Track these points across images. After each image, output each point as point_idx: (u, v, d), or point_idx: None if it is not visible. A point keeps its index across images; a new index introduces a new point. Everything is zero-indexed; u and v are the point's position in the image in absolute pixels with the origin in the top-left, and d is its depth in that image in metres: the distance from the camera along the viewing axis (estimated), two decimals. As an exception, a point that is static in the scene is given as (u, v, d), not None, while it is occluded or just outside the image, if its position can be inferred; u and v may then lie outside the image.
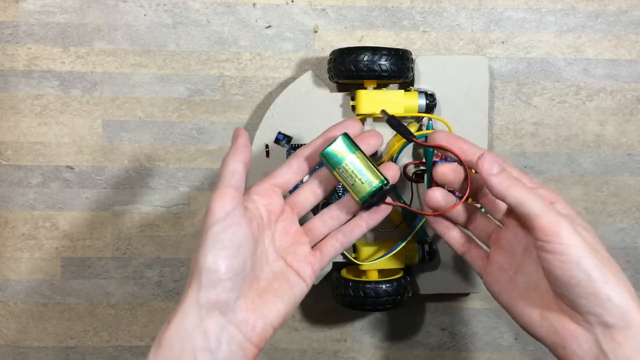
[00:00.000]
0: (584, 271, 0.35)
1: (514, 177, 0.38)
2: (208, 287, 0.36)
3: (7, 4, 0.53)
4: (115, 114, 0.54)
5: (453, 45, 0.54)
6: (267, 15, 0.53)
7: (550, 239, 0.35)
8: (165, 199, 0.55)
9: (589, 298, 0.35)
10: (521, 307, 0.39)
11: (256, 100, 0.54)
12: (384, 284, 0.48)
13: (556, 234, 0.35)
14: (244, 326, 0.38)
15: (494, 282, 0.41)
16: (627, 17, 0.53)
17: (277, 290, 0.40)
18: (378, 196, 0.41)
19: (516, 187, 0.37)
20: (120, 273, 0.55)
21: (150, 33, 0.54)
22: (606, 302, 0.35)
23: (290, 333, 0.56)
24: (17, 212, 0.55)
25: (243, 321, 0.38)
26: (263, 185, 0.42)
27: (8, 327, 0.56)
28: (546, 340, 0.38)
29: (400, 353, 0.56)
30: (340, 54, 0.48)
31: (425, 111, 0.50)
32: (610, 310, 0.35)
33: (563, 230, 0.35)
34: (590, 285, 0.35)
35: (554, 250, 0.35)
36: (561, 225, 0.36)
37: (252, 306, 0.38)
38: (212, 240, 0.37)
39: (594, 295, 0.35)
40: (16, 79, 0.54)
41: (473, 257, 0.43)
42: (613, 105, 0.54)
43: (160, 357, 0.36)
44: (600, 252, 0.36)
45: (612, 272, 0.35)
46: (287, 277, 0.41)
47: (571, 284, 0.35)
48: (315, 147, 0.42)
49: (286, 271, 0.41)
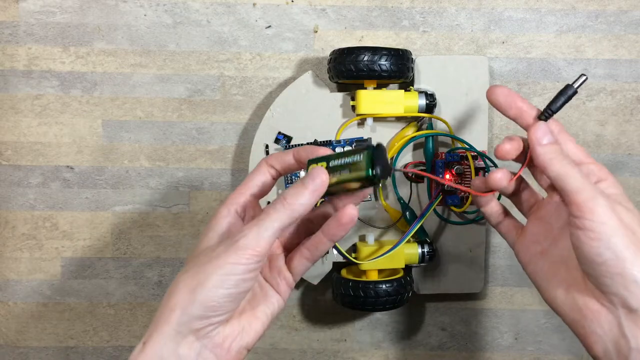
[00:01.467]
0: (612, 250, 0.34)
1: (560, 150, 0.38)
2: (197, 318, 0.34)
3: (7, 4, 0.53)
4: (115, 114, 0.54)
5: (453, 45, 0.54)
6: (267, 15, 0.53)
7: (584, 215, 0.35)
8: (165, 199, 0.55)
9: (615, 278, 0.34)
10: (547, 280, 0.39)
11: (256, 100, 0.54)
12: (384, 284, 0.48)
13: (590, 210, 0.35)
14: (219, 350, 0.36)
15: (525, 253, 0.41)
16: (627, 17, 0.53)
17: (255, 310, 0.38)
18: (380, 160, 0.36)
19: (560, 161, 0.37)
20: (120, 273, 0.55)
21: (150, 33, 0.54)
22: (632, 284, 0.34)
23: (291, 333, 0.56)
24: (17, 212, 0.55)
25: (219, 345, 0.36)
26: (247, 199, 0.39)
27: (8, 327, 0.56)
28: (567, 316, 0.38)
29: (400, 353, 0.56)
30: (340, 54, 0.48)
31: (425, 111, 0.50)
32: (635, 294, 0.34)
33: (598, 207, 0.35)
34: (617, 265, 0.34)
35: (585, 226, 0.35)
36: (596, 202, 0.35)
37: (230, 331, 0.37)
38: (222, 274, 0.34)
39: (620, 275, 0.34)
40: (16, 79, 0.54)
41: (507, 228, 0.42)
42: (613, 105, 0.54)
43: None
44: (639, 234, 0.35)
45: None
46: (265, 293, 0.39)
47: (597, 261, 0.35)
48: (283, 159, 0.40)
49: (264, 286, 0.39)
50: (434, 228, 0.52)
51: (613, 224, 0.34)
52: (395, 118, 0.51)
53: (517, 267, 0.55)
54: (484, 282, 0.53)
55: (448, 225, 0.52)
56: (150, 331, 0.35)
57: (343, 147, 0.48)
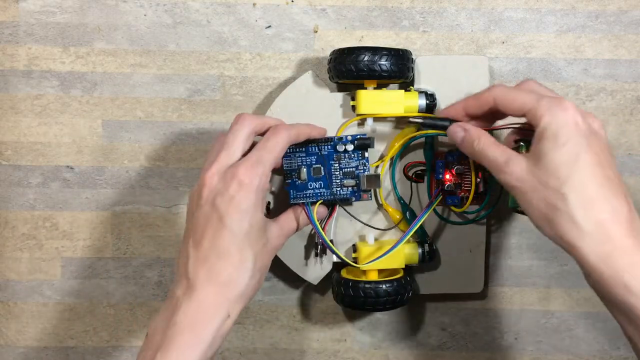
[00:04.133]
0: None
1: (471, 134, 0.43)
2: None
3: (7, 4, 0.53)
4: (115, 114, 0.54)
5: (453, 45, 0.54)
6: (267, 15, 0.53)
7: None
8: (165, 199, 0.55)
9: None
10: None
11: (256, 100, 0.54)
12: (384, 284, 0.48)
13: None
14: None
15: None
16: (627, 17, 0.53)
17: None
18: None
19: (479, 139, 0.42)
20: (120, 273, 0.55)
21: (150, 33, 0.54)
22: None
23: (291, 333, 0.56)
24: (17, 212, 0.55)
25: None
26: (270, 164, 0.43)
27: (8, 327, 0.56)
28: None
29: (400, 353, 0.56)
30: (341, 54, 0.48)
31: (426, 111, 0.50)
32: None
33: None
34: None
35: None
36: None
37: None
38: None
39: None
40: (16, 79, 0.54)
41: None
42: (613, 105, 0.54)
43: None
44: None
45: None
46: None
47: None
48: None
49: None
50: (434, 228, 0.52)
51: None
52: (395, 118, 0.51)
53: (517, 267, 0.55)
54: (484, 282, 0.53)
55: (448, 225, 0.52)
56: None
57: (345, 143, 0.48)
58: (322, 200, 0.48)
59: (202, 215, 0.41)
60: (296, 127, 0.46)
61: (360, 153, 0.48)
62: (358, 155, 0.48)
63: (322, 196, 0.47)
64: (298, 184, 0.47)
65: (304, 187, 0.48)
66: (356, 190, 0.48)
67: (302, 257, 0.52)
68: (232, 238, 0.40)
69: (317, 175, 0.48)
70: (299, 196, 0.47)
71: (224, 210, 0.40)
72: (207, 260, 0.40)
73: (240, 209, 0.40)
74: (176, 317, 0.39)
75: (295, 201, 0.47)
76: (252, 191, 0.41)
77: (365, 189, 0.48)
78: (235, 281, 0.40)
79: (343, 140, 0.48)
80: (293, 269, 0.52)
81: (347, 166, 0.48)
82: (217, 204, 0.41)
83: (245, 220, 0.41)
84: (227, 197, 0.40)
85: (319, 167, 0.48)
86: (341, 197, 0.48)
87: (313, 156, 0.48)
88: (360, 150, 0.48)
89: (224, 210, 0.40)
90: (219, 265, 0.40)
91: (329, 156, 0.48)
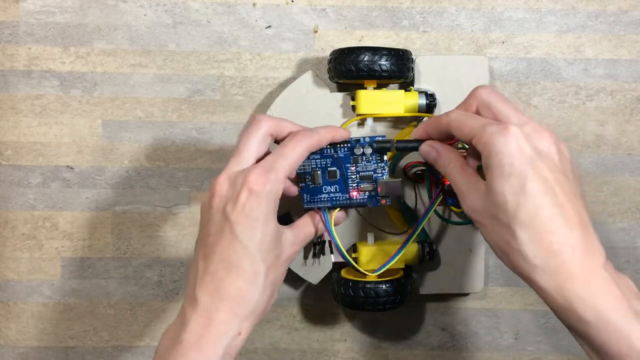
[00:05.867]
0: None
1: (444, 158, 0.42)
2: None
3: (7, 4, 0.53)
4: (115, 114, 0.54)
5: (453, 45, 0.54)
6: (267, 15, 0.54)
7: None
8: (165, 199, 0.55)
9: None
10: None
11: (256, 100, 0.54)
12: (384, 284, 0.48)
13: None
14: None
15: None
16: (627, 17, 0.54)
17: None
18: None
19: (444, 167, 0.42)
20: (120, 273, 0.55)
21: (150, 33, 0.54)
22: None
23: (291, 333, 0.56)
24: (17, 212, 0.55)
25: None
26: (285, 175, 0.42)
27: (8, 327, 0.56)
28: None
29: (400, 353, 0.56)
30: (340, 54, 0.48)
31: (426, 111, 0.50)
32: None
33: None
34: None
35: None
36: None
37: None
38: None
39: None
40: (16, 79, 0.54)
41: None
42: (613, 105, 0.54)
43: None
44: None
45: None
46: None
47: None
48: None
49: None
50: (434, 228, 0.52)
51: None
52: (395, 118, 0.51)
53: (517, 267, 0.55)
54: (484, 282, 0.53)
55: (448, 225, 0.52)
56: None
57: (363, 146, 0.45)
58: (338, 205, 0.45)
59: (213, 226, 0.39)
60: (317, 133, 0.42)
61: (379, 157, 0.45)
62: (376, 158, 0.45)
63: (338, 201, 0.45)
64: (312, 187, 0.45)
65: (319, 191, 0.45)
66: (374, 195, 0.45)
67: (302, 257, 0.52)
68: (243, 250, 0.38)
69: (332, 179, 0.45)
70: (313, 200, 0.45)
71: (234, 219, 0.38)
72: (215, 274, 0.38)
73: (251, 217, 0.38)
74: (183, 334, 0.37)
75: (309, 206, 0.45)
76: (263, 199, 0.38)
77: (384, 195, 0.45)
78: (245, 296, 0.38)
79: (361, 142, 0.45)
80: (293, 269, 0.52)
81: (365, 170, 0.45)
82: (227, 212, 0.39)
83: (257, 230, 0.38)
84: (237, 205, 0.38)
85: (335, 170, 0.45)
86: (357, 202, 0.45)
87: (328, 158, 0.45)
88: (378, 154, 0.45)
89: (234, 219, 0.38)
90: (228, 279, 0.38)
91: (345, 159, 0.45)
